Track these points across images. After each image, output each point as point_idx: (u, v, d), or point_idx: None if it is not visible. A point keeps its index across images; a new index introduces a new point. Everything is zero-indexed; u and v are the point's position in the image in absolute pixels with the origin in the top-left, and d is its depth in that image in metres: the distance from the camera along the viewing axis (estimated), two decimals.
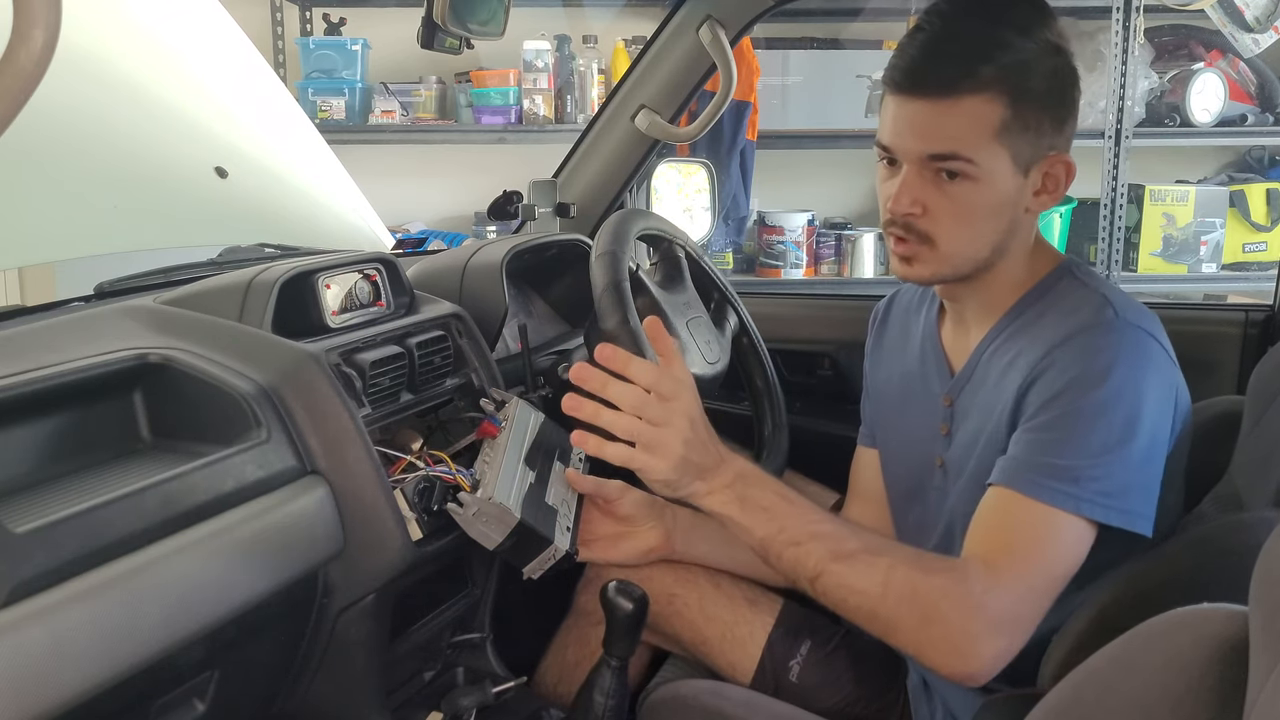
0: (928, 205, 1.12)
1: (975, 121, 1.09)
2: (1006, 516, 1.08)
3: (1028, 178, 1.14)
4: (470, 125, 3.62)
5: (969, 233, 1.14)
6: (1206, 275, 3.65)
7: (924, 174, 1.12)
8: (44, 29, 0.56)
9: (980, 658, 1.04)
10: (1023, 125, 1.10)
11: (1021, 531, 1.07)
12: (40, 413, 1.00)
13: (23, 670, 0.78)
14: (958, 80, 1.09)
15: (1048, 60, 1.12)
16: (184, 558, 0.93)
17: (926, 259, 1.15)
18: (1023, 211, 1.15)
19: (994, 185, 1.11)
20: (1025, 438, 1.09)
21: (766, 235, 3.65)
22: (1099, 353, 1.07)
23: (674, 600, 1.37)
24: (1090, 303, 1.12)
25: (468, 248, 1.58)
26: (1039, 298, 1.17)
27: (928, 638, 1.05)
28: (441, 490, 1.17)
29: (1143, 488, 1.06)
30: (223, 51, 1.79)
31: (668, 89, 1.80)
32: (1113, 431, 1.05)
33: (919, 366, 1.30)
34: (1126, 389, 1.06)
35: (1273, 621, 0.57)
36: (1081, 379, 1.06)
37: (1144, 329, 1.09)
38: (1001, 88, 1.09)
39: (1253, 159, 3.82)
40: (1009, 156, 1.11)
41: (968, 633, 1.03)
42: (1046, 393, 1.08)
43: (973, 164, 1.10)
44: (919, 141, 1.11)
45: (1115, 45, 3.41)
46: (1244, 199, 3.65)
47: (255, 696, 1.15)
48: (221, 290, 1.23)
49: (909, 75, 1.11)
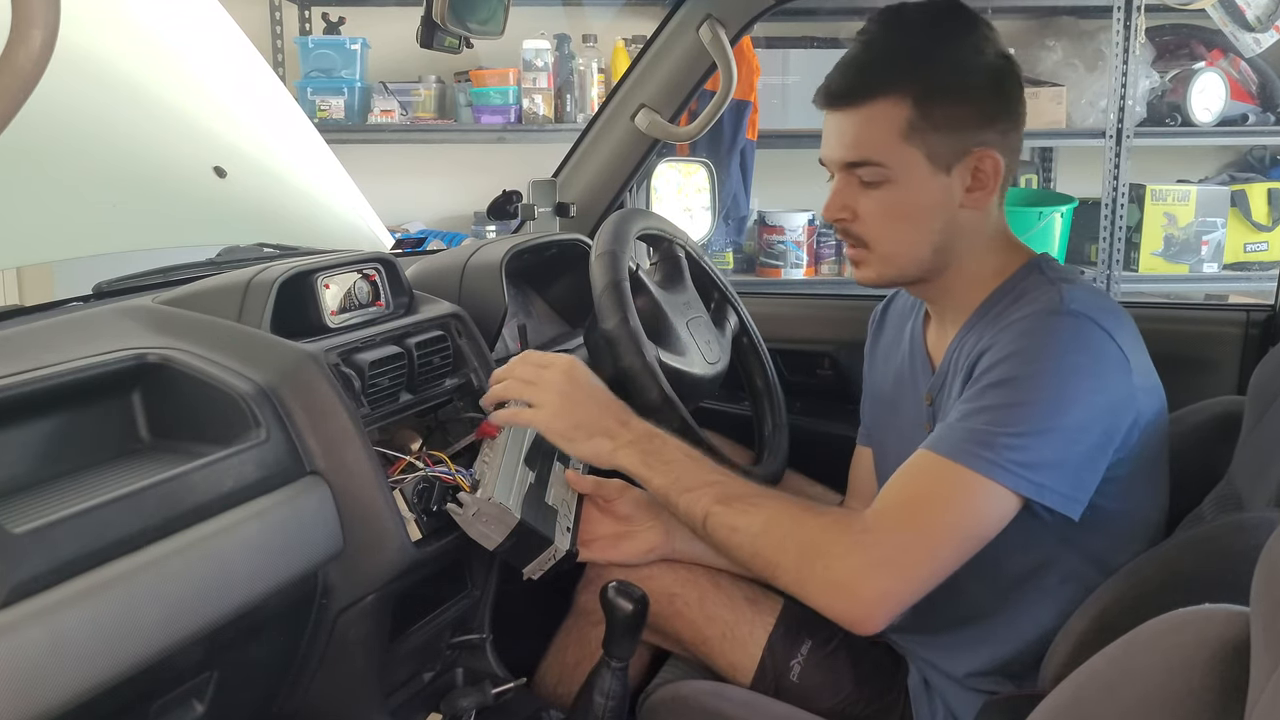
0: (857, 211, 1.19)
1: (880, 125, 1.14)
2: (915, 471, 1.10)
3: (951, 175, 1.16)
4: (470, 125, 3.61)
5: (899, 234, 1.18)
6: (1207, 275, 3.65)
7: (849, 181, 1.18)
8: (43, 28, 0.56)
9: (861, 596, 1.05)
10: (932, 124, 1.14)
11: (924, 483, 1.09)
12: (39, 413, 1.00)
13: (22, 670, 0.78)
14: (861, 87, 1.15)
15: (967, 60, 1.15)
16: (183, 558, 0.93)
17: (869, 261, 1.21)
18: (957, 209, 1.18)
19: (912, 186, 1.16)
20: (956, 408, 1.11)
21: (767, 235, 3.65)
22: (1037, 334, 1.09)
23: (674, 600, 1.36)
24: (1046, 293, 1.14)
25: (467, 247, 1.58)
26: (1005, 294, 1.19)
27: (808, 574, 1.07)
28: (441, 490, 1.17)
29: (1064, 467, 1.06)
30: (221, 51, 1.78)
31: (668, 88, 1.80)
32: (1038, 407, 1.06)
33: (908, 367, 1.32)
34: (1059, 369, 1.07)
35: (1274, 622, 0.56)
36: (1015, 355, 1.08)
37: (1093, 320, 1.10)
38: (904, 89, 1.13)
39: (1254, 158, 3.82)
40: (923, 156, 1.15)
41: (846, 567, 1.05)
42: (983, 367, 1.11)
43: (884, 167, 1.15)
44: (836, 151, 1.19)
45: (1116, 44, 3.41)
46: (1245, 199, 3.65)
47: (254, 697, 1.15)
48: (220, 290, 1.23)
49: (825, 90, 1.18)
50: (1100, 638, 0.84)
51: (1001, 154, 1.17)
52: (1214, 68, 3.52)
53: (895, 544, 1.06)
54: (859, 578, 1.05)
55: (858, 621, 1.07)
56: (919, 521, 1.07)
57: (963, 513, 1.07)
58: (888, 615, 1.06)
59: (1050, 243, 3.48)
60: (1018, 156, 1.22)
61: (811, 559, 1.07)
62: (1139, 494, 1.16)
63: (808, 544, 1.08)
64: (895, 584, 1.05)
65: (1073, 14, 3.63)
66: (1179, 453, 1.27)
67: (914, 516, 1.07)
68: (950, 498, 1.07)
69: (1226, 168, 3.84)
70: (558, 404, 1.19)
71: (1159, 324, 1.67)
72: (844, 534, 1.07)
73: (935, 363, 1.27)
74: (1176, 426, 1.33)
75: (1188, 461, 1.27)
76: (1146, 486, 1.18)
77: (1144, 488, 1.17)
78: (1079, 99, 3.57)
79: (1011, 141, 1.19)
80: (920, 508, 1.08)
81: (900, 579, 1.06)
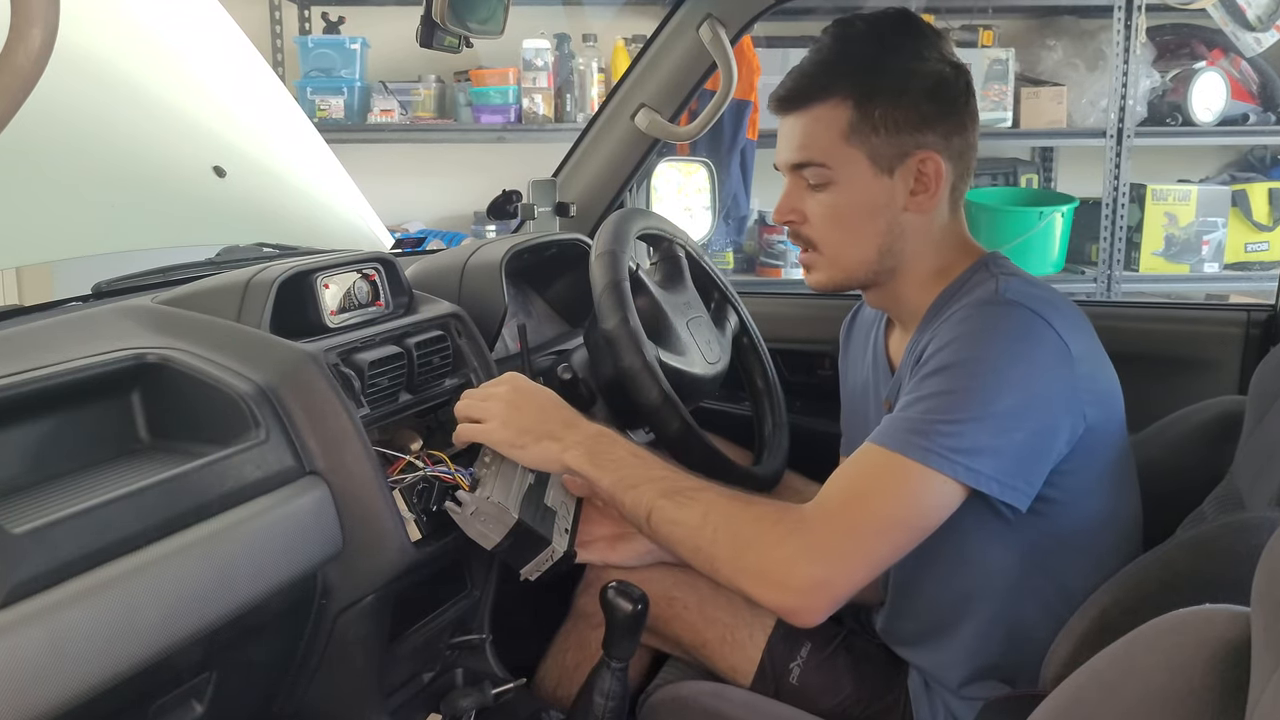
0: (805, 213, 1.22)
1: (824, 127, 1.18)
2: (856, 464, 1.10)
3: (894, 177, 1.18)
4: (469, 124, 3.61)
5: (844, 236, 1.21)
6: (1208, 275, 3.65)
7: (797, 184, 1.22)
8: (42, 28, 0.56)
9: (791, 585, 1.05)
10: (872, 126, 1.16)
11: (862, 474, 1.09)
12: (38, 413, 1.00)
13: (21, 670, 0.78)
14: (806, 91, 1.19)
15: (908, 66, 1.18)
16: (182, 558, 0.93)
17: (819, 265, 1.25)
18: (900, 211, 1.19)
19: (854, 187, 1.18)
20: (900, 400, 1.12)
21: (767, 235, 3.65)
22: (972, 320, 1.10)
23: (674, 602, 1.36)
24: (985, 286, 1.15)
25: (467, 247, 1.58)
26: (954, 293, 1.20)
27: (744, 565, 1.07)
28: (440, 491, 1.17)
29: (1001, 454, 1.06)
30: (221, 50, 1.78)
31: (668, 88, 1.80)
32: (972, 394, 1.06)
33: (872, 375, 1.34)
34: (992, 356, 1.07)
35: (1274, 623, 0.56)
36: (951, 343, 1.09)
37: (1031, 309, 1.10)
38: (846, 92, 1.17)
39: (1255, 158, 3.82)
40: (865, 157, 1.17)
41: (780, 558, 1.05)
42: (924, 358, 1.12)
43: (827, 168, 1.18)
44: (784, 153, 1.22)
45: (1117, 44, 3.41)
46: (1246, 198, 3.65)
47: (254, 697, 1.14)
48: (220, 290, 1.23)
49: (775, 95, 1.22)
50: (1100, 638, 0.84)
51: (945, 157, 1.18)
52: (1215, 67, 3.52)
53: (827, 533, 1.06)
54: (788, 567, 1.05)
55: (791, 611, 1.06)
56: (853, 511, 1.07)
57: (898, 501, 1.06)
58: (824, 605, 1.05)
59: (1050, 243, 3.49)
60: (967, 161, 1.22)
61: (744, 550, 1.07)
62: (1105, 494, 1.16)
63: (741, 535, 1.07)
64: (827, 572, 1.05)
65: (1073, 14, 3.63)
66: (1179, 453, 1.28)
67: (848, 506, 1.07)
68: (886, 487, 1.07)
69: (1227, 167, 3.84)
70: (504, 413, 1.19)
71: (1160, 324, 1.68)
72: (777, 525, 1.07)
73: (895, 367, 1.28)
74: (1176, 426, 1.33)
75: (1188, 461, 1.27)
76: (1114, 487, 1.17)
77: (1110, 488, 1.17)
78: (1079, 99, 3.57)
79: (955, 145, 1.20)
80: (856, 498, 1.08)
81: (832, 568, 1.05)
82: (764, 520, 1.08)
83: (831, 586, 1.05)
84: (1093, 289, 3.53)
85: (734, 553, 1.07)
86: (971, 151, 1.23)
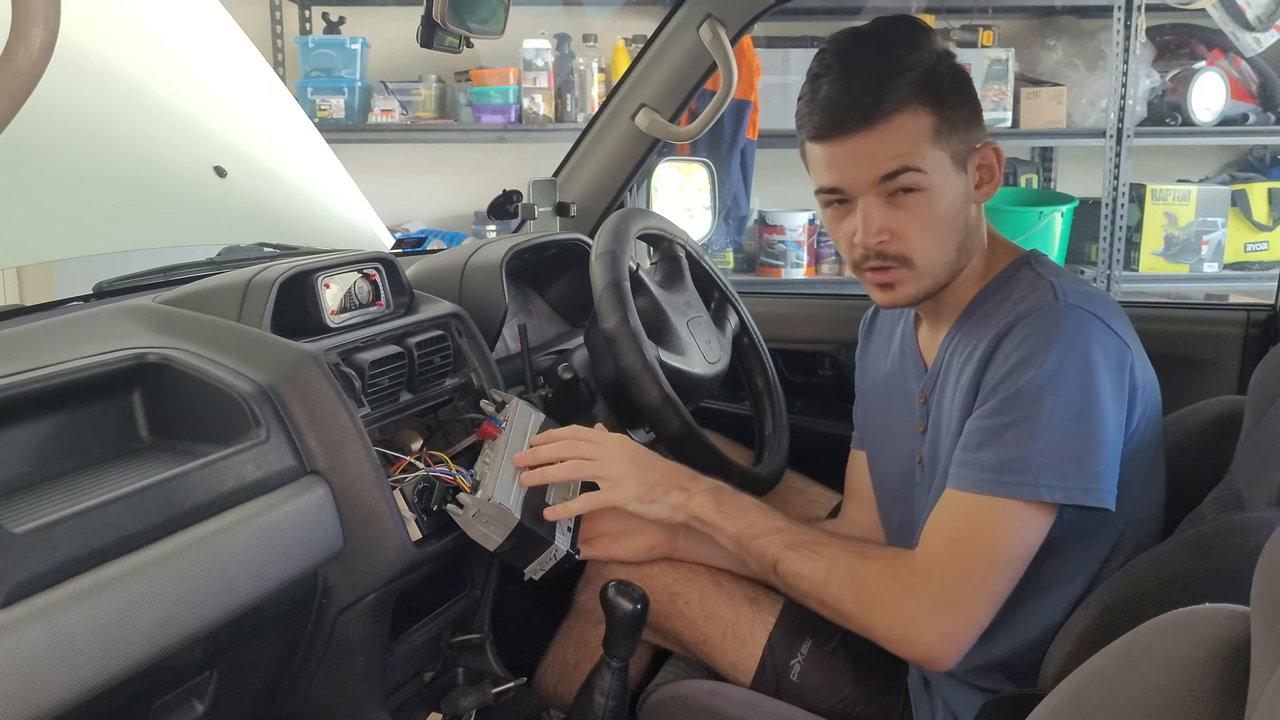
0: (893, 229, 1.16)
1: (911, 133, 1.14)
2: (952, 511, 1.12)
3: (966, 172, 1.19)
4: (470, 124, 3.61)
5: (937, 241, 1.18)
6: (1208, 275, 3.65)
7: (880, 200, 1.15)
8: (43, 28, 0.56)
9: (920, 640, 1.09)
10: (950, 125, 1.16)
11: (962, 522, 1.11)
12: (39, 413, 1.00)
13: (22, 670, 0.78)
14: (881, 103, 1.13)
15: (944, 64, 1.18)
16: (182, 558, 0.93)
17: (907, 280, 1.19)
18: (970, 205, 1.20)
19: (945, 188, 1.17)
20: (974, 430, 1.12)
21: (767, 234, 3.65)
22: (1039, 335, 1.10)
23: (675, 599, 1.36)
24: (1037, 289, 1.15)
25: (467, 247, 1.58)
26: (997, 289, 1.20)
27: (871, 620, 1.13)
28: (441, 491, 1.17)
29: (1090, 465, 1.07)
30: (222, 50, 1.78)
31: (668, 88, 1.80)
32: (1059, 410, 1.07)
33: (900, 366, 1.33)
34: (1069, 365, 1.08)
35: (1274, 622, 0.56)
36: (1024, 362, 1.09)
37: (1086, 309, 1.12)
38: (921, 97, 1.14)
39: (1254, 158, 3.82)
40: (948, 157, 1.17)
41: (905, 614, 1.10)
42: (993, 379, 1.12)
43: (922, 172, 1.15)
44: (867, 169, 1.14)
45: (1117, 44, 3.41)
46: (1245, 198, 3.65)
47: (254, 697, 1.14)
48: (220, 290, 1.23)
49: (832, 118, 1.15)
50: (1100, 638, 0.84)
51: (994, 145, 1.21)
52: (1214, 67, 3.52)
53: (944, 587, 1.09)
54: (913, 625, 1.10)
55: (926, 662, 1.12)
56: (963, 562, 1.10)
57: (1005, 542, 1.09)
58: (956, 652, 1.09)
59: (1050, 243, 3.48)
60: None
61: (869, 606, 1.12)
62: (1136, 490, 1.16)
63: (864, 591, 1.13)
64: (953, 625, 1.09)
65: (1073, 14, 3.63)
66: (1179, 453, 1.28)
67: (957, 558, 1.10)
68: (989, 531, 1.09)
69: (1227, 167, 3.84)
70: (630, 471, 1.24)
71: (1159, 324, 1.68)
72: (894, 579, 1.12)
73: (928, 362, 1.27)
74: (1176, 426, 1.33)
75: (1188, 461, 1.27)
76: (1143, 482, 1.18)
77: (1141, 483, 1.17)
78: (1079, 99, 3.57)
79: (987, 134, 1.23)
80: (962, 547, 1.10)
81: (954, 620, 1.09)
82: (882, 576, 1.12)
83: (958, 636, 1.09)
84: None
85: (860, 610, 1.13)
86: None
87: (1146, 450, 1.17)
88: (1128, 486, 1.13)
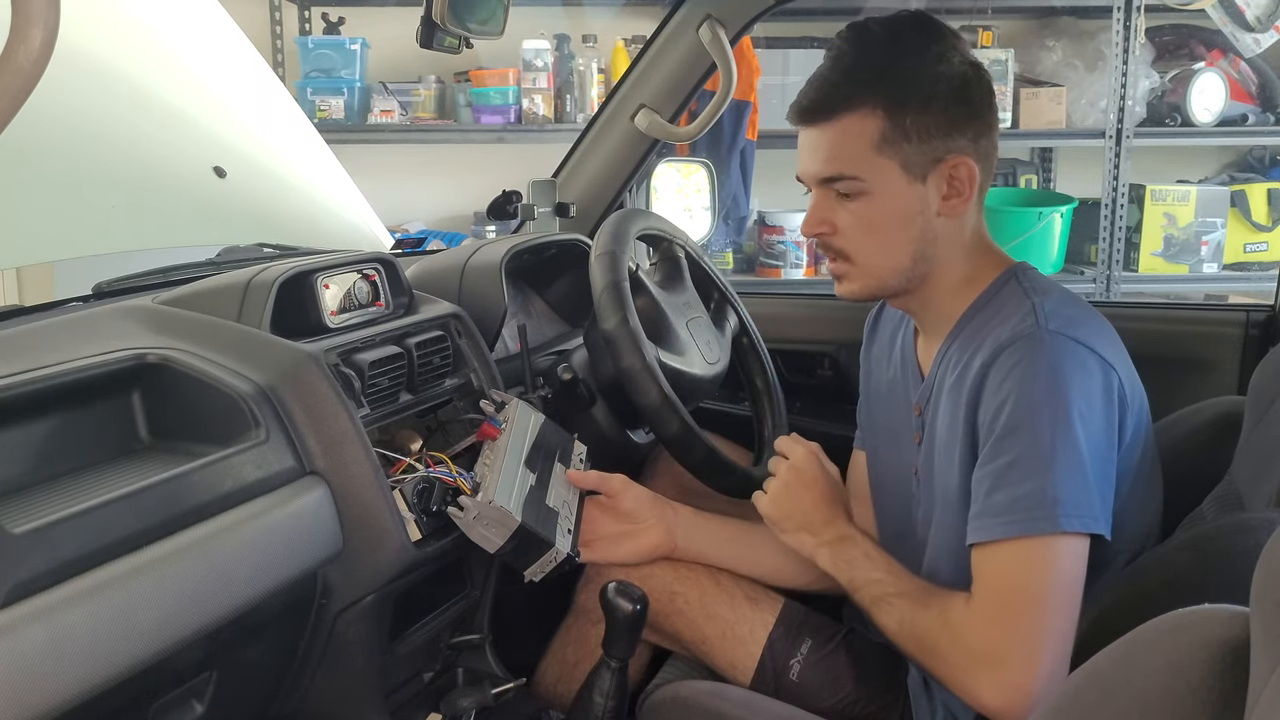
0: (835, 224, 1.19)
1: (854, 138, 1.15)
2: (981, 564, 1.11)
3: (926, 184, 1.16)
4: (469, 125, 3.61)
5: (878, 245, 1.18)
6: (1207, 275, 3.65)
7: (826, 195, 1.19)
8: (42, 28, 0.56)
9: (979, 691, 1.08)
10: (904, 134, 1.15)
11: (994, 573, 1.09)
12: (38, 413, 1.00)
13: (21, 670, 0.78)
14: (832, 102, 1.16)
15: (933, 70, 1.16)
16: (182, 558, 0.93)
17: (852, 275, 1.22)
18: (934, 218, 1.18)
19: (888, 196, 1.16)
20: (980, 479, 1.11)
21: (766, 235, 3.65)
22: (1021, 368, 1.09)
23: (675, 598, 1.36)
24: (1019, 312, 1.14)
25: (467, 247, 1.58)
26: (984, 304, 1.19)
27: (933, 670, 1.14)
28: (441, 491, 1.17)
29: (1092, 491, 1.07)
30: (221, 51, 1.79)
31: (667, 88, 1.80)
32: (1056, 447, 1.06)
33: (900, 374, 1.33)
34: (1054, 398, 1.07)
35: (1274, 623, 0.56)
36: (1009, 399, 1.08)
37: (1067, 335, 1.10)
38: (875, 102, 1.14)
39: (1254, 159, 3.82)
40: (898, 166, 1.15)
41: (957, 666, 1.10)
42: (985, 418, 1.11)
43: (859, 180, 1.16)
44: (811, 165, 1.19)
45: (1116, 45, 3.41)
46: (1245, 199, 3.65)
47: (254, 697, 1.15)
48: (220, 290, 1.23)
49: (797, 106, 1.19)
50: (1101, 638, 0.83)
51: (975, 160, 1.17)
52: (1214, 68, 3.52)
53: (986, 641, 1.07)
54: (970, 677, 1.09)
55: (996, 715, 1.08)
56: (1001, 613, 1.08)
57: (1041, 581, 1.07)
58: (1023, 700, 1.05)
59: (1050, 243, 3.49)
60: (992, 163, 1.21)
61: (929, 658, 1.14)
62: (1134, 499, 1.16)
63: (922, 645, 1.14)
64: (1010, 673, 1.06)
65: (1073, 14, 3.63)
66: (1179, 453, 1.27)
67: (996, 610, 1.08)
68: (1022, 574, 1.07)
69: (1226, 168, 3.84)
70: (779, 493, 1.30)
71: (1159, 324, 1.68)
72: (941, 635, 1.11)
73: (925, 372, 1.27)
74: (1176, 427, 1.33)
75: (1188, 461, 1.27)
76: (1142, 496, 1.18)
77: (1139, 501, 1.17)
78: (1079, 99, 3.57)
79: (983, 148, 1.19)
80: (999, 598, 1.08)
81: (1009, 670, 1.06)
82: (931, 631, 1.13)
83: (1017, 685, 1.05)
84: (1092, 289, 3.53)
85: (922, 659, 1.15)
86: (995, 152, 1.22)
87: (1141, 465, 1.16)
88: (1125, 506, 1.12)
